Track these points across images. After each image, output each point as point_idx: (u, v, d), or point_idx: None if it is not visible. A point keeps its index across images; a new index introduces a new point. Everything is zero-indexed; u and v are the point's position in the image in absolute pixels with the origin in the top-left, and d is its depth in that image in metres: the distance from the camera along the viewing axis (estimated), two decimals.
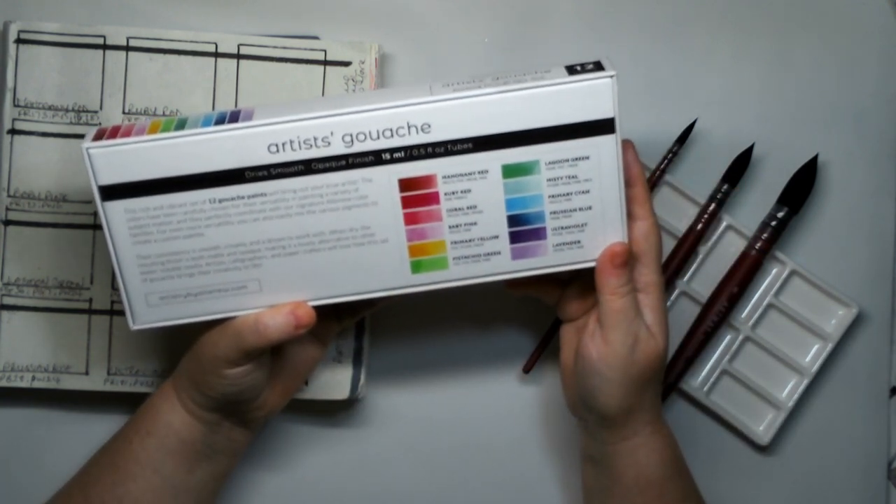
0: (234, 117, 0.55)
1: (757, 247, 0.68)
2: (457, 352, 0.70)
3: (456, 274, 0.57)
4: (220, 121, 0.54)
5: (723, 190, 0.69)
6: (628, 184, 0.57)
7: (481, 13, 0.70)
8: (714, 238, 0.70)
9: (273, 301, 0.56)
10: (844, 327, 0.70)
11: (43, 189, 0.65)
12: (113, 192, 0.54)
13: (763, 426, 0.70)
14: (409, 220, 0.56)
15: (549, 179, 0.55)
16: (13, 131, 0.65)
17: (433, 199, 0.55)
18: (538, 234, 0.56)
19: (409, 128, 0.54)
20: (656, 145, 0.69)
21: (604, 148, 0.55)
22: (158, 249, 0.55)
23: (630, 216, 0.57)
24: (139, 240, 0.55)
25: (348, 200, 0.55)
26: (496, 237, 0.56)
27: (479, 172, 0.55)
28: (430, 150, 0.54)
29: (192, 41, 0.65)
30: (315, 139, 0.54)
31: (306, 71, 0.66)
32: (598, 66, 0.55)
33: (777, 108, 0.71)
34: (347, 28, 0.69)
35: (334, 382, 0.67)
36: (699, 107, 0.70)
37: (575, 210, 0.56)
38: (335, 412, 0.70)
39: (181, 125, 0.54)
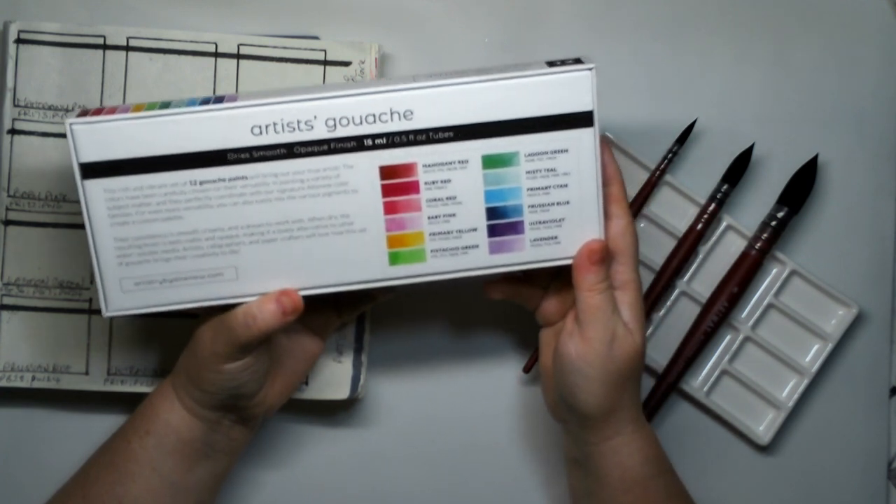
0: (219, 101, 0.55)
1: (757, 247, 0.68)
2: (457, 351, 0.70)
3: (434, 267, 0.57)
4: (205, 103, 0.54)
5: (723, 190, 0.69)
6: (604, 182, 0.57)
7: (481, 13, 0.70)
8: (714, 238, 0.70)
9: (249, 290, 0.56)
10: (844, 327, 0.70)
11: (43, 189, 0.65)
12: (93, 170, 0.54)
13: (763, 426, 0.70)
14: (389, 209, 0.56)
15: (528, 172, 0.56)
16: (13, 131, 0.65)
17: (413, 188, 0.55)
18: (516, 228, 0.57)
19: (391, 114, 0.54)
20: (656, 145, 0.69)
21: (583, 141, 0.55)
22: (136, 232, 0.55)
23: (606, 215, 0.57)
24: (117, 221, 0.55)
25: (329, 187, 0.55)
26: (474, 230, 0.56)
27: (459, 162, 0.55)
28: (411, 137, 0.55)
29: (192, 41, 0.65)
30: (298, 122, 0.54)
31: (306, 71, 0.66)
32: (578, 62, 0.55)
33: (777, 108, 0.71)
34: (347, 28, 0.69)
35: (334, 382, 0.67)
36: (699, 107, 0.70)
37: (553, 204, 0.56)
38: (335, 412, 0.70)
39: (165, 107, 0.55)
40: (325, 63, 0.66)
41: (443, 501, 0.71)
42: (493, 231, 0.57)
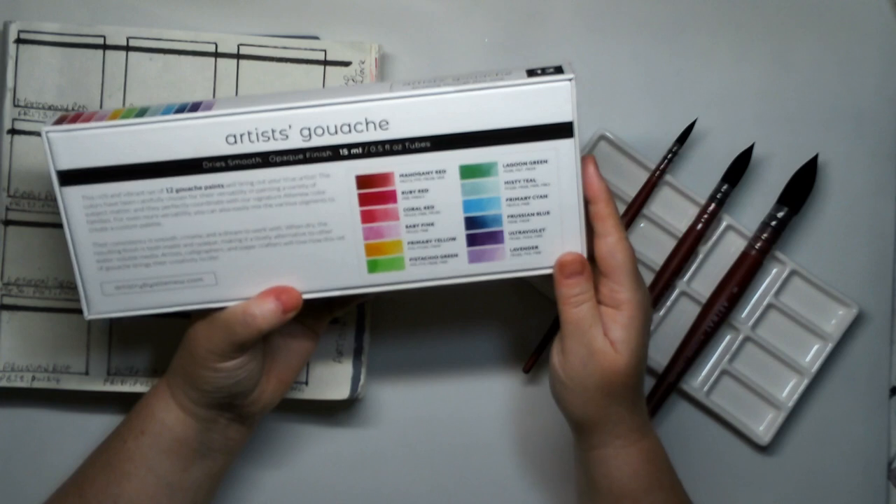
0: (195, 108, 0.55)
1: (757, 247, 0.68)
2: (457, 351, 0.70)
3: (412, 275, 0.57)
4: (181, 111, 0.54)
5: (723, 190, 0.69)
6: (591, 201, 0.56)
7: (481, 13, 0.70)
8: (714, 238, 0.70)
9: (228, 295, 0.56)
10: (844, 327, 0.70)
11: (43, 189, 0.65)
12: (71, 177, 0.54)
13: (763, 426, 0.70)
14: (366, 217, 0.56)
15: (506, 182, 0.55)
16: (13, 131, 0.65)
17: (390, 197, 0.55)
18: (495, 237, 0.56)
19: (367, 124, 0.54)
20: (656, 145, 0.69)
21: (562, 152, 0.55)
22: (115, 238, 0.55)
23: (596, 234, 0.57)
24: (96, 227, 0.55)
25: (305, 195, 0.55)
26: (453, 239, 0.56)
27: (436, 172, 0.55)
28: (387, 147, 0.54)
29: (192, 41, 0.65)
30: (273, 132, 0.54)
31: (306, 71, 0.66)
32: (559, 71, 0.55)
33: (777, 108, 0.71)
34: (347, 28, 0.69)
35: (334, 382, 0.67)
36: (699, 107, 0.70)
37: (533, 214, 0.56)
38: (335, 412, 0.70)
39: (142, 114, 0.55)
40: (325, 63, 0.66)
41: (443, 501, 0.71)
42: (472, 240, 0.56)
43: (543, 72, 0.55)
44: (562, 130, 0.55)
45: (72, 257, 0.56)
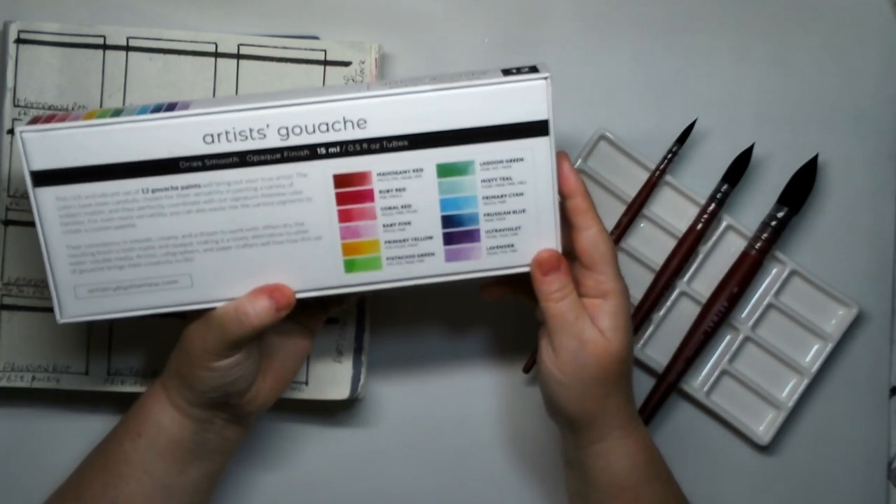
0: (171, 108, 0.55)
1: (757, 247, 0.68)
2: (457, 351, 0.70)
3: (390, 275, 0.57)
4: (157, 111, 0.54)
5: (723, 190, 0.69)
6: (567, 196, 0.57)
7: (481, 13, 0.70)
8: (714, 238, 0.70)
9: (205, 297, 0.56)
10: (844, 327, 0.70)
11: None
12: (45, 178, 0.54)
13: (763, 426, 0.70)
14: (344, 217, 0.56)
15: (483, 180, 0.55)
16: (13, 131, 0.65)
17: (368, 196, 0.55)
18: (472, 236, 0.56)
19: (344, 123, 0.54)
20: (656, 145, 0.69)
21: (538, 150, 0.55)
22: (89, 240, 0.55)
23: (576, 228, 0.57)
24: (69, 229, 0.55)
25: (283, 195, 0.55)
26: (430, 238, 0.56)
27: (413, 171, 0.55)
28: (365, 146, 0.54)
29: (192, 41, 0.65)
30: (250, 131, 0.54)
31: (306, 71, 0.66)
32: (534, 70, 0.55)
33: (777, 108, 0.71)
34: (347, 28, 0.69)
35: (334, 382, 0.67)
36: (699, 107, 0.70)
37: (509, 213, 0.56)
38: (335, 412, 0.70)
39: (117, 114, 0.54)
40: (325, 63, 0.66)
41: (443, 501, 0.71)
42: (449, 239, 0.56)
43: (519, 71, 0.55)
44: (537, 129, 0.55)
45: (44, 260, 0.55)
